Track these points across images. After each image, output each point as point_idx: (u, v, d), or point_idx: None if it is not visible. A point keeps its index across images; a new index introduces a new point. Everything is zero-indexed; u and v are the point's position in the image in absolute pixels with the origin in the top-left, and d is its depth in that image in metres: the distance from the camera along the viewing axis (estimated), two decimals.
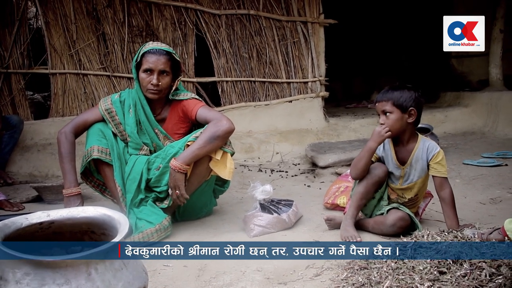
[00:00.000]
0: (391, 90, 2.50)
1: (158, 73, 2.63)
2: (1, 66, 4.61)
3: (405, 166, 2.56)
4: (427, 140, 2.56)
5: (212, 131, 2.53)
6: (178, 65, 2.75)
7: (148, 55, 2.63)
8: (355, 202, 2.52)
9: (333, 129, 5.39)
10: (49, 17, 4.76)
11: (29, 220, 1.52)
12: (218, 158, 2.56)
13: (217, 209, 3.09)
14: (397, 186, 2.60)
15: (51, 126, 4.71)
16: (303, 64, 5.42)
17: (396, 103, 2.46)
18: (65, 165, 2.65)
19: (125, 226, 1.45)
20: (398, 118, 2.46)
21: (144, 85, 2.65)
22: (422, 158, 2.52)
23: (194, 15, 5.11)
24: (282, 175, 4.22)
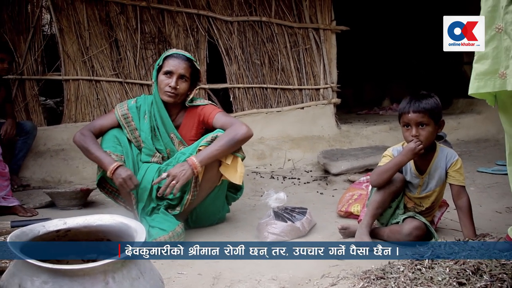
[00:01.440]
0: (422, 99, 2.38)
1: (177, 76, 2.65)
2: (15, 72, 4.64)
3: (424, 175, 2.52)
4: (445, 148, 2.53)
5: (232, 134, 2.53)
6: (197, 74, 2.77)
7: (170, 59, 2.68)
8: (371, 211, 2.50)
9: (345, 136, 5.36)
10: (63, 24, 4.80)
11: (46, 228, 1.52)
12: (228, 162, 2.56)
13: (230, 216, 3.08)
14: (415, 195, 2.57)
15: (63, 132, 4.74)
16: (315, 70, 5.41)
17: (431, 114, 2.36)
18: (95, 153, 2.60)
19: (142, 235, 1.45)
20: (433, 131, 2.39)
21: (162, 87, 2.67)
22: (441, 166, 2.49)
23: (206, 21, 5.12)
24: (295, 182, 4.20)
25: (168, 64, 2.67)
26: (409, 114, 2.37)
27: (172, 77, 2.65)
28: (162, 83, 2.66)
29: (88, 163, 4.48)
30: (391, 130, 5.50)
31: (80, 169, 4.48)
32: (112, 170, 2.53)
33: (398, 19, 8.23)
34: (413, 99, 2.39)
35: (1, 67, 4.01)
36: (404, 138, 2.47)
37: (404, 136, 2.45)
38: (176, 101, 2.70)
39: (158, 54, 5.01)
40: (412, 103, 2.37)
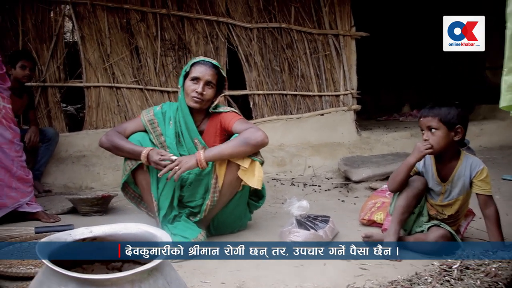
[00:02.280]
0: (438, 106, 2.41)
1: (204, 83, 2.68)
2: (38, 80, 4.70)
3: (446, 183, 2.49)
4: (470, 157, 2.48)
5: (245, 136, 2.54)
6: (223, 81, 2.80)
7: (197, 65, 2.72)
8: (396, 217, 2.46)
9: (365, 143, 5.31)
10: (85, 32, 4.86)
11: (72, 237, 1.52)
12: (246, 166, 2.55)
13: (251, 223, 3.06)
14: (437, 203, 2.54)
15: (85, 138, 4.78)
16: (335, 77, 5.38)
17: (443, 119, 2.38)
18: (125, 146, 2.66)
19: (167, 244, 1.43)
20: (444, 136, 2.39)
21: (188, 92, 2.69)
22: (465, 175, 2.45)
23: (226, 28, 5.14)
24: (315, 189, 4.17)
25: (195, 71, 2.70)
26: (421, 118, 2.45)
27: (199, 83, 2.68)
28: (189, 89, 2.69)
29: (108, 169, 4.53)
30: (412, 136, 5.43)
31: (101, 175, 4.51)
32: (145, 154, 2.57)
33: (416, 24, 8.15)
34: (429, 105, 2.45)
35: (23, 74, 4.06)
36: None
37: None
38: (201, 106, 2.72)
39: (178, 61, 5.04)
40: (427, 108, 2.44)
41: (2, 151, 3.13)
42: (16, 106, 3.66)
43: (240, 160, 2.55)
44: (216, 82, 2.74)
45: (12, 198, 3.18)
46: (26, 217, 3.26)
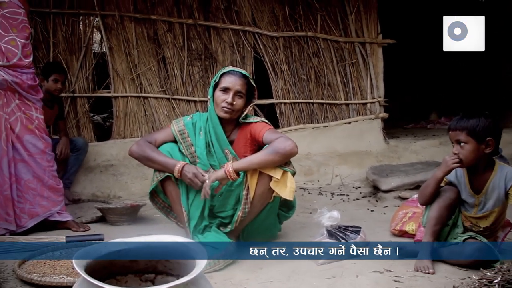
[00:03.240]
0: (466, 117, 2.35)
1: (234, 93, 2.67)
2: (68, 90, 4.78)
3: (480, 195, 2.42)
4: (505, 167, 2.41)
5: (275, 146, 2.52)
6: (252, 91, 2.79)
7: (227, 76, 2.71)
8: (429, 228, 2.42)
9: (393, 151, 5.24)
10: (113, 43, 4.92)
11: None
12: (278, 177, 2.52)
13: (280, 234, 3.03)
14: (471, 215, 2.47)
15: (113, 148, 4.83)
16: (362, 85, 5.33)
17: (471, 133, 2.31)
18: (157, 158, 2.67)
19: (203, 258, 1.43)
20: (474, 149, 2.33)
21: (218, 103, 2.68)
22: (499, 186, 2.37)
23: (252, 37, 5.14)
24: (344, 198, 4.13)
25: (225, 81, 2.69)
26: (450, 131, 2.41)
27: (229, 93, 2.67)
28: (219, 99, 2.68)
29: (136, 178, 4.56)
30: (441, 144, 5.33)
31: (129, 184, 4.55)
32: (179, 169, 2.58)
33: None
34: (457, 117, 2.39)
35: (55, 87, 4.14)
36: None
37: None
38: (232, 117, 2.71)
39: (204, 70, 5.06)
40: (454, 121, 2.39)
41: (35, 161, 3.19)
42: (47, 116, 3.72)
43: (271, 171, 2.52)
44: (246, 92, 2.73)
45: (44, 207, 3.23)
46: (57, 226, 3.30)
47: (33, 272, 2.38)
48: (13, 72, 3.06)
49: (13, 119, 3.11)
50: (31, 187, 3.18)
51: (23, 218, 3.15)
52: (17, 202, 3.13)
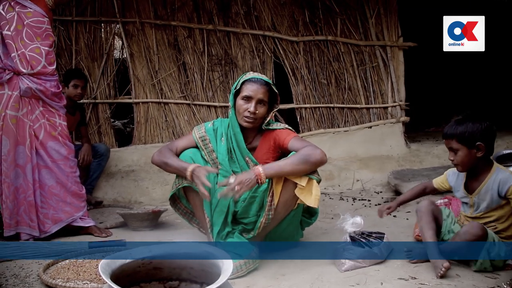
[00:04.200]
0: (456, 124, 2.41)
1: (256, 101, 2.63)
2: (89, 97, 4.84)
3: (472, 195, 2.46)
4: (501, 171, 2.43)
5: (305, 154, 2.49)
6: (275, 97, 2.75)
7: (248, 84, 2.66)
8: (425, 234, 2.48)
9: (415, 156, 5.17)
10: (134, 49, 4.97)
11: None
12: (303, 184, 2.49)
13: (302, 239, 3.01)
14: (468, 215, 2.52)
15: (134, 153, 4.87)
16: (383, 88, 5.28)
17: (461, 140, 2.39)
18: (174, 163, 2.67)
19: (228, 266, 1.42)
20: (466, 155, 2.40)
21: (240, 112, 2.65)
22: (493, 189, 2.40)
23: (272, 42, 5.14)
24: (365, 204, 4.08)
25: (246, 89, 2.65)
26: (443, 139, 2.49)
27: (251, 102, 2.63)
28: (241, 108, 2.64)
29: (157, 183, 4.59)
30: None
31: (150, 190, 4.58)
32: (190, 173, 2.55)
33: None
34: (450, 124, 2.46)
35: (75, 93, 4.19)
36: None
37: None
38: (254, 126, 2.69)
39: (225, 75, 5.07)
40: (446, 128, 2.46)
41: (58, 167, 3.23)
42: (69, 122, 3.77)
43: (297, 178, 2.49)
44: (268, 99, 2.69)
45: (67, 213, 3.27)
46: (79, 231, 3.34)
47: (57, 277, 2.41)
48: (37, 79, 3.11)
49: (37, 126, 3.16)
50: (55, 193, 3.22)
51: (47, 224, 3.20)
52: (40, 207, 3.18)
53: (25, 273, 2.55)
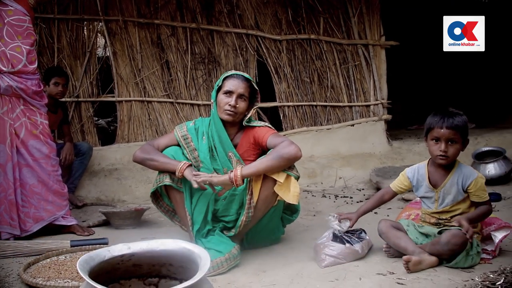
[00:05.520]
0: (454, 116, 2.42)
1: (237, 96, 2.71)
2: (72, 95, 4.81)
3: (438, 189, 2.51)
4: (464, 166, 2.51)
5: (278, 150, 2.54)
6: (255, 95, 2.82)
7: (230, 79, 2.74)
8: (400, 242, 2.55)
9: (397, 153, 5.24)
10: (117, 48, 4.95)
11: (111, 253, 1.53)
12: (281, 180, 2.53)
13: (284, 237, 3.04)
14: (434, 210, 2.55)
15: (117, 152, 4.86)
16: (365, 87, 5.34)
17: (462, 133, 2.42)
18: (160, 159, 2.71)
19: (206, 262, 1.44)
20: (459, 148, 2.45)
21: (221, 106, 2.72)
22: (458, 183, 2.47)
23: (255, 41, 5.16)
24: (347, 201, 4.12)
25: (228, 84, 2.73)
26: (441, 129, 2.42)
27: (232, 96, 2.70)
28: (222, 102, 2.71)
29: (140, 182, 4.58)
30: None
31: (133, 188, 4.57)
32: (182, 170, 2.60)
33: None
34: (446, 115, 2.44)
35: (57, 90, 4.16)
36: (430, 152, 2.51)
37: (431, 150, 2.49)
38: (234, 119, 2.74)
39: (208, 74, 5.08)
40: (445, 119, 2.43)
41: (40, 166, 3.22)
42: (51, 121, 3.74)
43: (275, 175, 2.54)
44: (249, 95, 2.76)
45: (49, 212, 3.25)
46: (61, 230, 3.33)
47: (38, 276, 2.41)
48: (18, 78, 3.09)
49: (18, 125, 3.14)
50: (36, 191, 3.21)
51: (28, 223, 3.18)
52: (21, 206, 3.16)
53: (5, 273, 2.53)
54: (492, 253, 2.52)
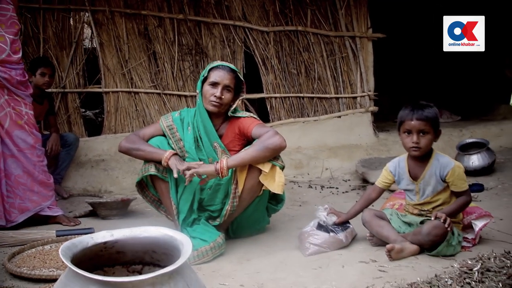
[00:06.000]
0: (424, 108, 2.47)
1: (222, 87, 2.71)
2: (58, 86, 4.78)
3: (418, 181, 2.54)
4: (441, 156, 2.54)
5: (263, 141, 2.57)
6: (241, 86, 2.83)
7: (215, 70, 2.74)
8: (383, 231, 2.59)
9: (383, 144, 5.28)
10: (103, 38, 4.92)
11: (94, 240, 1.54)
12: (266, 170, 2.56)
13: (269, 226, 3.07)
14: (415, 202, 2.59)
15: (104, 143, 4.84)
16: (352, 79, 5.37)
17: (433, 123, 2.46)
18: (146, 148, 2.72)
19: (188, 248, 1.45)
20: (432, 139, 2.49)
21: (207, 97, 2.72)
22: (436, 174, 2.50)
23: (242, 32, 5.16)
24: (333, 191, 4.16)
25: (213, 75, 2.73)
26: (412, 121, 2.47)
27: (217, 87, 2.71)
28: (208, 93, 2.72)
29: (127, 173, 4.58)
30: None
31: (120, 179, 4.57)
32: (167, 158, 2.61)
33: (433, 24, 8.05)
34: (415, 107, 2.49)
35: (43, 81, 4.13)
36: (404, 144, 2.55)
37: (404, 142, 2.54)
38: (220, 110, 2.75)
39: (195, 65, 5.08)
40: (415, 111, 2.47)
41: (25, 156, 3.20)
42: (37, 112, 3.73)
43: (260, 165, 2.57)
44: (234, 86, 2.77)
45: (34, 202, 3.25)
46: (47, 220, 3.32)
47: (23, 266, 2.41)
48: (2, 68, 3.06)
49: (2, 115, 3.11)
50: (21, 182, 3.19)
51: (13, 213, 3.17)
52: (6, 197, 3.15)
53: None
54: (472, 241, 2.57)
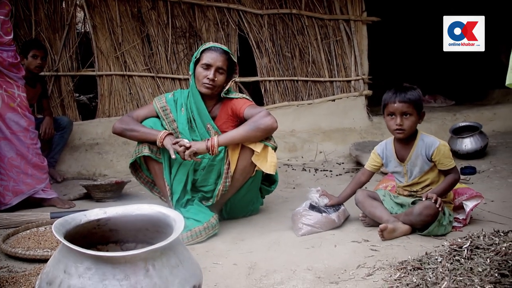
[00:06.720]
0: (407, 90, 2.48)
1: (215, 69, 2.70)
2: (51, 69, 4.75)
3: (405, 162, 2.57)
4: (426, 136, 2.57)
5: (254, 120, 2.57)
6: (234, 67, 2.82)
7: (208, 52, 2.73)
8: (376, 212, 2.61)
9: (376, 128, 5.30)
10: (96, 21, 4.89)
11: (87, 217, 1.56)
12: (258, 150, 2.57)
13: (263, 208, 3.09)
14: (404, 184, 2.62)
15: (98, 126, 4.84)
16: (346, 62, 5.36)
17: (416, 105, 2.47)
18: (141, 129, 2.73)
19: (180, 224, 1.47)
20: (416, 121, 2.51)
21: (200, 79, 2.71)
22: (422, 154, 2.53)
23: (236, 15, 5.13)
24: (327, 174, 4.18)
25: (206, 57, 2.71)
26: (395, 104, 2.48)
27: (210, 69, 2.70)
28: (200, 75, 2.71)
29: (121, 156, 4.58)
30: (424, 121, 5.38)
31: (114, 162, 4.57)
32: (162, 138, 2.62)
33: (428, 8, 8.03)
34: (398, 90, 2.50)
35: (35, 63, 4.10)
36: (388, 127, 2.58)
37: (388, 125, 2.57)
38: (213, 92, 2.75)
39: (189, 48, 5.05)
40: (398, 93, 2.48)
41: (18, 139, 3.19)
42: (30, 95, 3.71)
43: (252, 145, 2.58)
44: (227, 68, 2.76)
45: (28, 185, 3.25)
46: (42, 203, 3.33)
47: (17, 246, 2.42)
48: None
49: None
50: (15, 164, 3.19)
51: (7, 196, 3.17)
52: (0, 180, 3.15)
53: None
54: (463, 221, 2.60)
